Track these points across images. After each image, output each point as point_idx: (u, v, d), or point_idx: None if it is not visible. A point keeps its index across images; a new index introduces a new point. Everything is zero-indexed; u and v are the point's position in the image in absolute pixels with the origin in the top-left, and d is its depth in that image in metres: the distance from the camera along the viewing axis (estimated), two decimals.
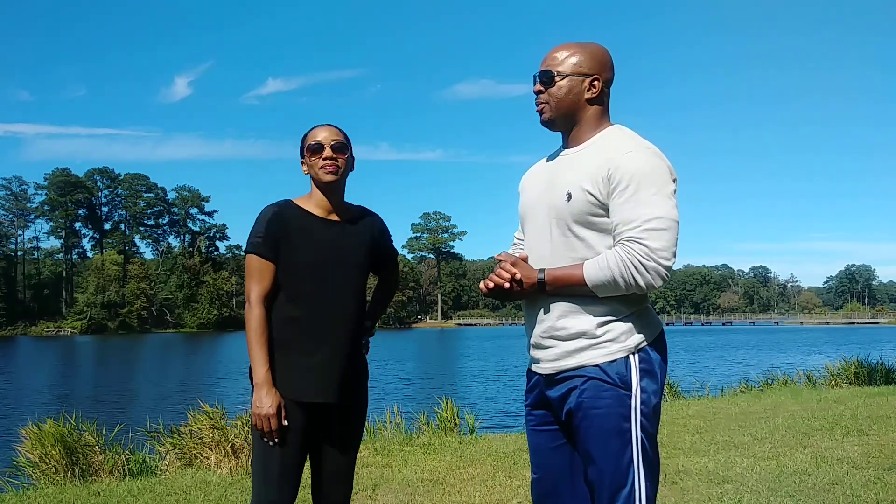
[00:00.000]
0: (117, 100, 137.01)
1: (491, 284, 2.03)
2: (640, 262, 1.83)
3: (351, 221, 2.44)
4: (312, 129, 2.42)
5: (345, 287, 2.38)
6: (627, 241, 1.85)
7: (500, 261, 2.04)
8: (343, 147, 2.38)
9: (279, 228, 2.32)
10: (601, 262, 1.87)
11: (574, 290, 1.94)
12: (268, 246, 2.32)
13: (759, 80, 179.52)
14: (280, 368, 2.30)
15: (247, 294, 2.33)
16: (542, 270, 1.94)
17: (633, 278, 1.84)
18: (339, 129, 2.43)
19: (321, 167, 2.35)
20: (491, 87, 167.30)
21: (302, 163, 2.43)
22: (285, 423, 2.26)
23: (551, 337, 2.02)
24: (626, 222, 1.86)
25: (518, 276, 1.99)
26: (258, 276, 2.32)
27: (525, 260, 2.05)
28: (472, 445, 6.46)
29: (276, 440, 2.26)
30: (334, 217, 2.41)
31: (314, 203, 2.40)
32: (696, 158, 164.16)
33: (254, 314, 2.29)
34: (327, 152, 2.35)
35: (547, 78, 2.04)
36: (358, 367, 2.44)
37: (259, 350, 2.27)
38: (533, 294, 1.99)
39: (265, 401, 2.23)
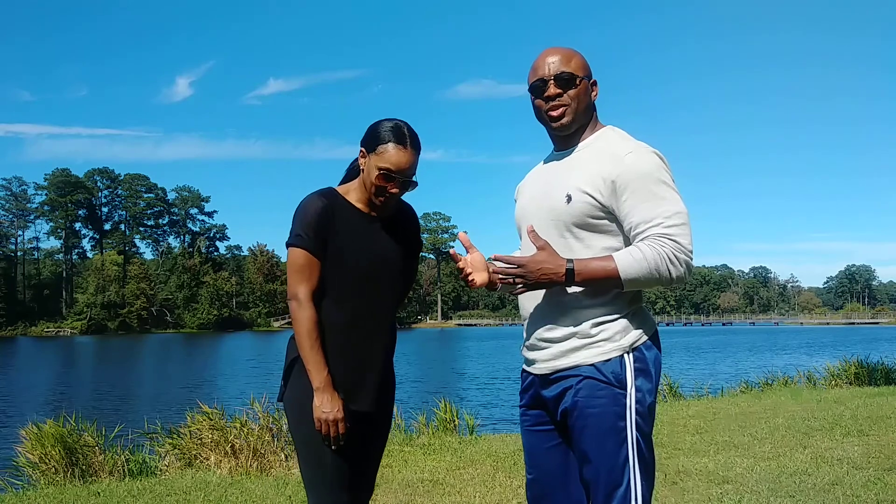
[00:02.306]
0: (118, 100, 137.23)
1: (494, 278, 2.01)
2: (675, 255, 1.86)
3: (392, 217, 2.30)
4: (389, 140, 2.16)
5: (389, 290, 2.28)
6: (657, 237, 1.87)
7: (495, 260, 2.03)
8: (410, 183, 2.21)
9: (328, 223, 2.17)
10: (636, 255, 1.87)
11: (598, 284, 1.92)
12: (317, 242, 2.16)
13: (759, 80, 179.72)
14: None
15: (292, 292, 2.17)
16: (570, 260, 1.91)
17: (668, 271, 1.86)
18: (416, 150, 2.19)
19: (379, 197, 2.19)
20: (492, 88, 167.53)
21: (362, 154, 2.22)
22: (348, 425, 2.18)
23: (546, 337, 2.02)
24: (648, 220, 1.89)
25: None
26: (307, 272, 2.16)
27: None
28: (472, 446, 6.46)
29: (342, 444, 2.17)
30: (374, 213, 2.27)
31: (358, 197, 2.26)
32: (696, 158, 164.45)
33: (305, 314, 2.14)
34: (392, 189, 2.18)
35: (567, 80, 2.02)
36: (391, 370, 2.38)
37: (315, 353, 2.14)
38: (555, 285, 1.94)
39: (329, 405, 2.13)
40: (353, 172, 2.36)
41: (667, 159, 1.98)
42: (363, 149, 2.23)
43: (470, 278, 2.10)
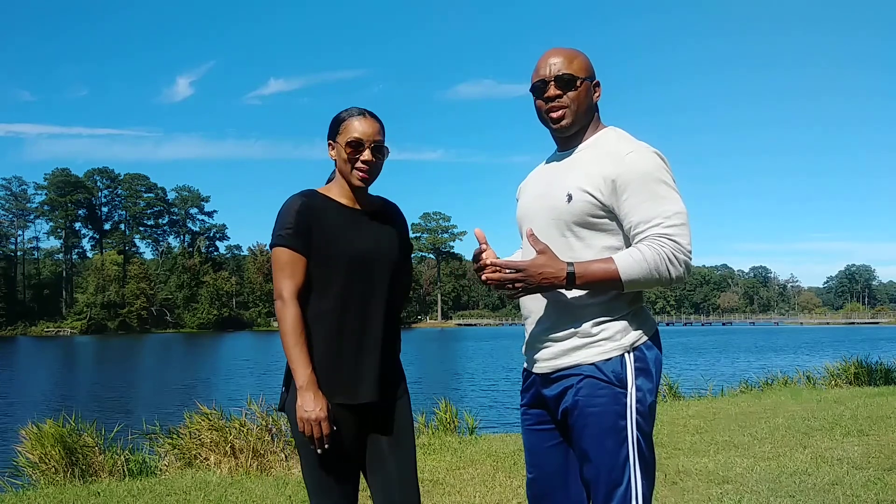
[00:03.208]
0: (119, 100, 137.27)
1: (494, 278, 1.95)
2: (674, 255, 1.87)
3: (377, 212, 2.31)
4: (350, 116, 2.23)
5: (381, 279, 2.24)
6: (657, 237, 1.88)
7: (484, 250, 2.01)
8: (382, 149, 2.23)
9: (310, 219, 2.18)
10: (636, 256, 1.87)
11: (598, 286, 1.92)
12: (299, 238, 2.16)
13: (759, 81, 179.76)
14: (316, 369, 2.14)
15: (277, 291, 2.16)
16: (570, 263, 1.91)
17: (668, 271, 1.87)
18: (378, 121, 2.26)
19: (356, 168, 2.20)
20: (492, 88, 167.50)
21: (330, 146, 2.26)
22: (334, 427, 2.12)
23: (547, 337, 2.03)
24: (647, 220, 1.89)
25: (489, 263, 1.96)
26: (290, 270, 2.15)
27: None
28: (472, 446, 6.46)
29: (326, 446, 2.11)
30: (361, 207, 2.27)
31: (340, 192, 2.27)
32: (696, 159, 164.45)
33: (289, 312, 2.13)
34: (366, 154, 2.20)
35: (567, 82, 2.02)
36: (395, 362, 2.33)
37: (299, 351, 2.11)
38: (556, 288, 1.93)
39: (312, 404, 2.08)
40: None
41: (668, 160, 1.98)
42: (329, 141, 2.26)
43: (487, 273, 1.99)
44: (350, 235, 2.22)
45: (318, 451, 2.11)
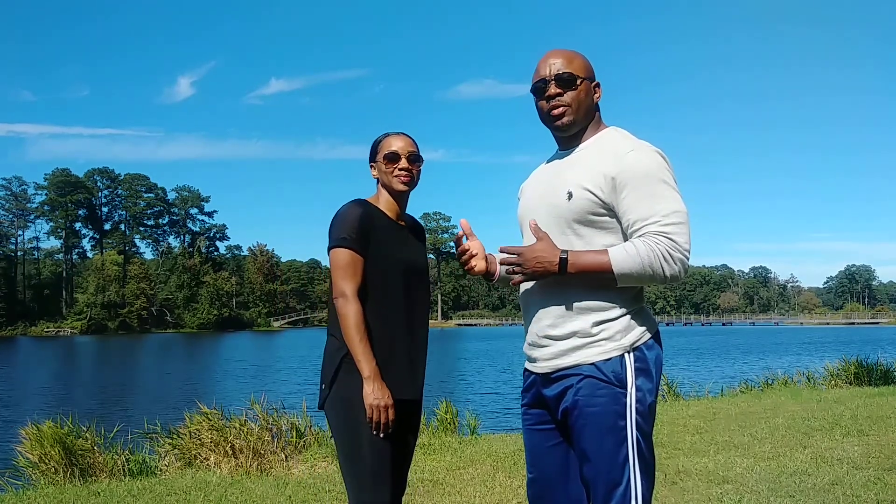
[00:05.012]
0: (120, 100, 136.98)
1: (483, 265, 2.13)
2: (668, 253, 1.87)
3: (412, 227, 2.57)
4: (386, 136, 2.50)
5: (421, 287, 2.50)
6: (653, 234, 1.89)
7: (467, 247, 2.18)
8: (417, 158, 2.49)
9: (368, 226, 2.38)
10: (630, 250, 1.88)
11: (591, 277, 1.93)
12: (359, 242, 2.36)
13: (760, 80, 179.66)
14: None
15: (339, 290, 2.34)
16: (564, 251, 1.94)
17: (662, 268, 1.87)
18: (412, 139, 2.52)
19: (396, 176, 2.45)
20: (494, 87, 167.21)
21: (372, 167, 2.53)
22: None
23: (547, 336, 2.03)
24: (645, 218, 1.90)
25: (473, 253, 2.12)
26: (352, 270, 2.35)
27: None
28: (472, 446, 6.45)
29: (390, 431, 2.29)
30: (401, 222, 2.52)
31: (385, 206, 2.50)
32: (695, 158, 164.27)
33: (353, 309, 2.31)
34: (403, 163, 2.46)
35: (568, 81, 2.04)
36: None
37: (363, 345, 2.29)
38: (550, 275, 1.96)
39: (379, 392, 2.26)
40: None
41: (669, 159, 1.99)
42: (371, 163, 2.53)
43: (472, 263, 2.19)
44: (399, 245, 2.46)
45: (381, 435, 2.28)
